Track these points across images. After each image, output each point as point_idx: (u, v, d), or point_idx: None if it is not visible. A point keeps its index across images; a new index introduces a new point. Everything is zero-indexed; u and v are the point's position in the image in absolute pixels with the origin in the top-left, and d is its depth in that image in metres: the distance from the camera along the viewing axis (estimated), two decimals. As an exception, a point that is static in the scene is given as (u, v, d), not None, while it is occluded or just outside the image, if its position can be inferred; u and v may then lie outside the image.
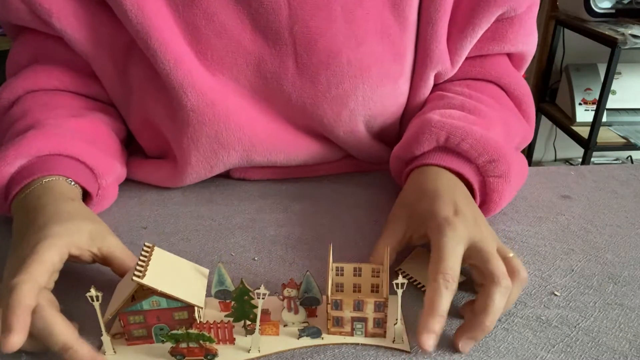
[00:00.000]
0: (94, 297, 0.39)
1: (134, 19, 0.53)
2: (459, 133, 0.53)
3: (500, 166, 0.53)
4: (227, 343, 0.42)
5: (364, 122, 0.63)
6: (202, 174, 0.63)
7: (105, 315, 0.41)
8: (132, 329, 0.41)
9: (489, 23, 0.60)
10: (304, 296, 0.43)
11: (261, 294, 0.40)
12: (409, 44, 0.61)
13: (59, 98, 0.61)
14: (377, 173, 0.70)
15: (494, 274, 0.42)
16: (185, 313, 0.41)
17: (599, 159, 2.17)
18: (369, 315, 0.42)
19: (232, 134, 0.59)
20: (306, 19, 0.55)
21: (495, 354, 0.41)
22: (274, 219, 0.60)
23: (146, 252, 0.42)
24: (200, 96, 0.56)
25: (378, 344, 0.42)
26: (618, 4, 1.83)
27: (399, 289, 0.40)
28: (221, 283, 0.44)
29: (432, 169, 0.54)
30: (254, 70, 0.58)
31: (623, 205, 0.62)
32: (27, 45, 0.62)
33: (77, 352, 0.38)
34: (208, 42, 0.56)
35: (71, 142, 0.55)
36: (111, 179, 0.59)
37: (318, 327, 0.43)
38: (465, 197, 0.51)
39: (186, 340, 0.40)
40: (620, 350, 0.42)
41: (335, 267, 0.45)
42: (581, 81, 2.02)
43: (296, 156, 0.64)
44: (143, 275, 0.39)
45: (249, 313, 0.43)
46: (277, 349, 0.42)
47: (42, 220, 0.45)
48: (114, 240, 0.47)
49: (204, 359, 0.40)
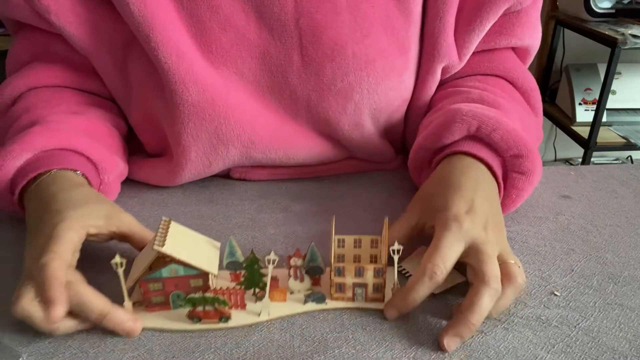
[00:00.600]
0: (118, 263, 0.42)
1: (136, 12, 0.53)
2: (491, 123, 0.53)
3: (527, 163, 0.53)
4: (238, 308, 0.45)
5: (369, 115, 0.63)
6: (201, 170, 0.63)
7: (127, 282, 0.44)
8: (151, 296, 0.45)
9: (497, 16, 0.60)
10: (309, 265, 0.46)
11: (271, 259, 0.43)
12: (414, 38, 0.61)
13: (61, 94, 0.61)
14: (377, 173, 0.71)
15: (485, 275, 0.42)
16: (200, 280, 0.45)
17: (599, 159, 2.17)
18: (368, 281, 0.45)
19: (232, 129, 0.59)
20: (312, 11, 0.55)
21: (495, 354, 0.41)
22: (273, 219, 0.60)
23: (164, 225, 0.45)
24: (201, 91, 0.56)
25: (377, 308, 0.45)
26: (618, 4, 1.83)
27: (396, 254, 0.44)
28: (232, 255, 0.47)
29: (462, 160, 0.53)
30: (259, 63, 0.58)
31: (623, 205, 0.62)
32: (27, 42, 0.62)
33: (115, 315, 0.42)
34: (212, 35, 0.56)
35: (76, 138, 0.55)
36: (113, 176, 0.60)
37: (322, 293, 0.46)
38: (487, 193, 0.50)
39: (202, 303, 0.43)
40: (620, 350, 0.42)
41: (337, 239, 0.49)
42: (581, 81, 2.02)
43: (296, 155, 0.64)
44: (163, 244, 0.42)
45: (259, 281, 0.46)
46: (285, 312, 0.45)
47: (56, 206, 0.47)
48: (129, 218, 0.49)
49: (219, 322, 0.44)
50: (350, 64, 0.58)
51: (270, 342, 0.43)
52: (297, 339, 0.43)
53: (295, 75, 0.58)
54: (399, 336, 0.43)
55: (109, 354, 0.41)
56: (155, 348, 0.42)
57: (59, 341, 0.43)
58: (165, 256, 0.43)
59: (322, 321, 0.45)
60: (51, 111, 0.57)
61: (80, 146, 0.55)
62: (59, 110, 0.58)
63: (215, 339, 0.43)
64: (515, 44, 0.65)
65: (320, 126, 0.63)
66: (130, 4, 0.52)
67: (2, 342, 0.42)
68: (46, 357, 0.41)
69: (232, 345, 0.42)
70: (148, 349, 0.42)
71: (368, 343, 0.42)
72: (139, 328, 0.43)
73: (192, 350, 0.42)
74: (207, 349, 0.42)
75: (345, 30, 0.56)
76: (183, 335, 0.43)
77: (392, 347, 0.42)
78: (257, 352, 0.42)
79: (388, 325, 0.44)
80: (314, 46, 0.57)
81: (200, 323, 0.44)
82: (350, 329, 0.44)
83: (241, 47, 0.57)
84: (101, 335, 0.43)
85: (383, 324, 0.44)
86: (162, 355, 0.41)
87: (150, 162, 0.67)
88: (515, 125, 0.55)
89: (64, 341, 0.42)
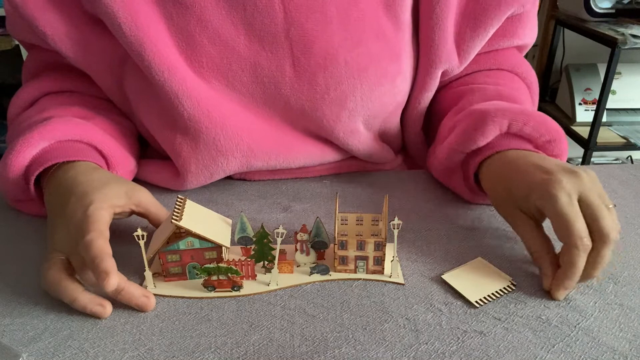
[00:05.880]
0: (140, 236, 0.45)
1: (127, 32, 0.54)
2: (521, 118, 0.55)
3: (559, 145, 0.56)
4: (249, 279, 0.49)
5: (363, 122, 0.63)
6: (203, 181, 0.64)
7: (147, 254, 0.47)
8: (170, 267, 0.48)
9: (501, 22, 0.62)
10: (314, 240, 0.50)
11: (280, 232, 0.46)
12: (406, 44, 0.61)
13: (75, 98, 0.64)
14: (377, 173, 0.71)
15: (604, 232, 0.45)
16: (214, 253, 0.48)
17: (599, 159, 2.17)
18: (369, 254, 0.49)
19: (230, 140, 0.59)
20: (302, 21, 0.55)
21: (495, 353, 0.41)
22: (273, 219, 0.60)
23: (180, 202, 0.49)
24: (196, 104, 0.57)
25: (378, 279, 0.49)
26: (618, 4, 1.83)
27: (395, 229, 0.47)
28: (243, 230, 0.51)
29: (508, 155, 0.55)
30: (250, 75, 0.58)
31: (623, 205, 0.62)
32: (38, 57, 0.66)
33: (129, 291, 0.45)
34: (202, 49, 0.56)
35: (89, 131, 0.57)
36: (123, 171, 0.61)
37: (327, 265, 0.50)
38: (539, 157, 0.52)
39: (217, 273, 0.47)
40: (620, 350, 0.42)
41: (341, 217, 0.51)
42: (581, 81, 2.02)
43: (296, 159, 0.64)
44: (180, 218, 0.46)
45: (268, 254, 0.49)
46: (293, 282, 0.49)
47: (80, 189, 0.49)
48: (146, 196, 0.53)
49: (231, 290, 0.47)
50: (343, 72, 0.58)
51: (270, 342, 0.43)
52: (297, 339, 0.43)
53: (287, 85, 0.58)
54: (399, 336, 0.43)
55: (109, 354, 0.41)
56: (155, 348, 0.42)
57: (59, 341, 0.43)
58: (182, 230, 0.47)
59: (322, 321, 0.45)
60: (65, 112, 0.60)
61: (93, 139, 0.57)
62: (73, 111, 0.60)
63: (215, 339, 0.43)
64: (517, 44, 0.67)
65: (317, 132, 0.64)
66: (122, 24, 0.53)
67: (2, 342, 0.42)
68: (46, 357, 0.41)
69: (232, 345, 0.42)
70: (148, 349, 0.42)
71: (368, 343, 0.42)
72: (152, 304, 0.46)
73: (192, 350, 0.42)
74: (207, 349, 0.42)
75: (336, 39, 0.57)
76: (183, 335, 0.43)
77: (392, 347, 0.42)
78: (257, 352, 0.42)
79: (388, 326, 0.44)
80: (305, 56, 0.57)
81: (215, 291, 0.47)
82: (350, 329, 0.44)
83: (232, 60, 0.57)
84: (101, 335, 0.43)
85: (383, 324, 0.44)
86: (162, 355, 0.41)
87: (154, 164, 0.67)
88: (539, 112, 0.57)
89: (64, 341, 0.43)
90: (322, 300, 0.47)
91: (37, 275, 0.48)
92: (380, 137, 0.68)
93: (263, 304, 0.47)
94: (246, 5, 0.55)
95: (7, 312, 0.46)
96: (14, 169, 0.53)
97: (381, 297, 0.47)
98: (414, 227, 0.57)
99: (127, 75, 0.61)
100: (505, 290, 0.48)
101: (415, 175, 0.70)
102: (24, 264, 0.52)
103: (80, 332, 0.43)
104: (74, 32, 0.58)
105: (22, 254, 0.54)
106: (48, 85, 0.64)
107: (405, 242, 0.55)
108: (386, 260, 0.49)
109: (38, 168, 0.53)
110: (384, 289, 0.48)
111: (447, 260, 0.52)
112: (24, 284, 0.49)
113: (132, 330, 0.44)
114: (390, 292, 0.48)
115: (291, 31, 0.56)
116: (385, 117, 0.65)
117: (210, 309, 0.46)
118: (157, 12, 0.55)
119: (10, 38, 1.71)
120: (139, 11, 0.54)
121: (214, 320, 0.45)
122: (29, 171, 0.54)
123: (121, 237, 0.50)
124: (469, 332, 0.43)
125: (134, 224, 0.55)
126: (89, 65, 0.61)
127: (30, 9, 0.56)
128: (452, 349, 0.42)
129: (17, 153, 0.53)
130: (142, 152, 0.70)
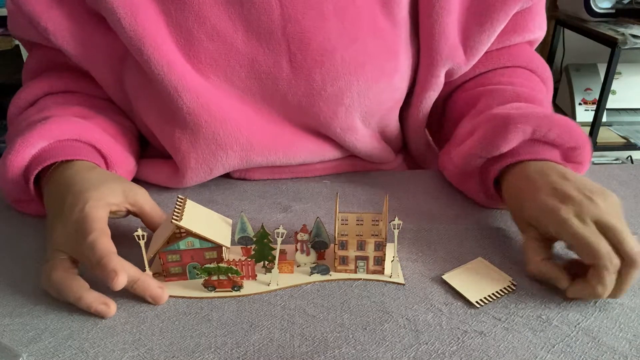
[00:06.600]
0: (140, 236, 0.45)
1: (127, 27, 0.54)
2: (545, 123, 0.54)
3: (583, 152, 0.55)
4: (249, 279, 0.49)
5: (360, 118, 0.63)
6: (202, 177, 0.64)
7: (148, 254, 0.47)
8: (170, 266, 0.48)
9: (508, 17, 0.61)
10: (314, 240, 0.50)
11: (280, 232, 0.47)
12: (403, 41, 0.61)
13: (75, 98, 0.64)
14: (377, 173, 0.71)
15: (630, 254, 0.43)
16: (214, 253, 0.48)
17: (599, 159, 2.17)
18: (370, 254, 0.48)
19: (230, 134, 0.59)
20: (298, 18, 0.56)
21: (495, 353, 0.41)
22: (274, 219, 0.60)
23: (180, 202, 0.49)
24: (195, 98, 0.57)
25: (378, 279, 0.49)
26: (618, 4, 1.83)
27: (396, 229, 0.47)
28: (243, 230, 0.51)
29: (520, 169, 0.54)
30: (248, 71, 0.58)
31: (623, 205, 0.62)
32: (39, 57, 0.66)
33: (144, 281, 0.46)
34: (200, 45, 0.56)
35: (88, 131, 0.58)
36: (121, 171, 0.61)
37: (327, 265, 0.50)
38: (560, 175, 0.51)
39: (217, 273, 0.47)
40: (620, 350, 0.42)
41: (341, 217, 0.51)
42: (581, 81, 2.02)
43: (295, 155, 0.64)
44: (180, 218, 0.46)
45: (268, 254, 0.49)
46: (293, 282, 0.49)
47: (76, 188, 0.49)
48: (143, 196, 0.52)
49: (232, 290, 0.47)
50: (340, 68, 0.58)
51: (270, 342, 0.43)
52: (297, 339, 0.43)
53: (285, 82, 0.59)
54: (399, 336, 0.43)
55: (109, 354, 0.41)
56: (155, 348, 0.42)
57: (59, 341, 0.43)
58: (182, 230, 0.47)
59: (322, 321, 0.45)
60: (66, 111, 0.60)
61: (92, 139, 0.57)
62: (73, 110, 0.61)
63: (216, 339, 0.43)
64: (530, 39, 0.67)
65: (316, 128, 0.64)
66: (121, 20, 0.54)
67: (2, 342, 0.42)
68: (46, 357, 0.41)
69: (232, 345, 0.42)
70: (148, 349, 0.42)
71: (368, 343, 0.42)
72: (166, 295, 0.46)
73: (192, 350, 0.42)
74: (207, 349, 0.42)
75: (333, 36, 0.57)
76: (183, 335, 0.43)
77: (392, 347, 0.42)
78: (257, 352, 0.42)
79: (388, 326, 0.44)
80: (302, 52, 0.57)
81: (215, 291, 0.47)
82: (350, 329, 0.44)
83: (229, 56, 0.57)
84: (101, 335, 0.43)
85: (383, 324, 0.44)
86: (162, 355, 0.41)
87: (153, 163, 0.67)
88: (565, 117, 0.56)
89: (64, 341, 0.43)
90: (322, 300, 0.47)
91: (37, 275, 0.48)
92: (380, 135, 0.68)
93: (263, 304, 0.47)
94: (243, 2, 0.55)
95: (7, 312, 0.46)
96: (13, 169, 0.53)
97: (381, 297, 0.47)
98: (414, 227, 0.57)
99: (127, 71, 0.61)
100: (505, 290, 0.48)
101: (416, 175, 0.70)
102: (24, 264, 0.52)
103: (80, 332, 0.43)
104: (75, 29, 0.58)
105: (22, 254, 0.54)
106: (48, 85, 0.64)
107: (405, 242, 0.55)
108: (386, 261, 0.49)
109: (37, 167, 0.53)
110: (384, 289, 0.48)
111: (447, 260, 0.52)
112: (24, 284, 0.49)
113: (132, 330, 0.44)
114: (391, 292, 0.48)
115: (288, 27, 0.56)
116: (383, 114, 0.65)
117: (211, 309, 0.46)
118: (156, 8, 0.55)
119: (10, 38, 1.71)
120: (138, 7, 0.54)
121: (214, 320, 0.45)
122: (28, 171, 0.54)
123: (121, 238, 0.50)
124: (469, 332, 0.43)
125: (134, 224, 0.56)
126: (90, 62, 0.61)
127: (32, 6, 0.56)
128: (452, 349, 0.42)
129: (16, 153, 0.53)
130: (142, 152, 0.70)
